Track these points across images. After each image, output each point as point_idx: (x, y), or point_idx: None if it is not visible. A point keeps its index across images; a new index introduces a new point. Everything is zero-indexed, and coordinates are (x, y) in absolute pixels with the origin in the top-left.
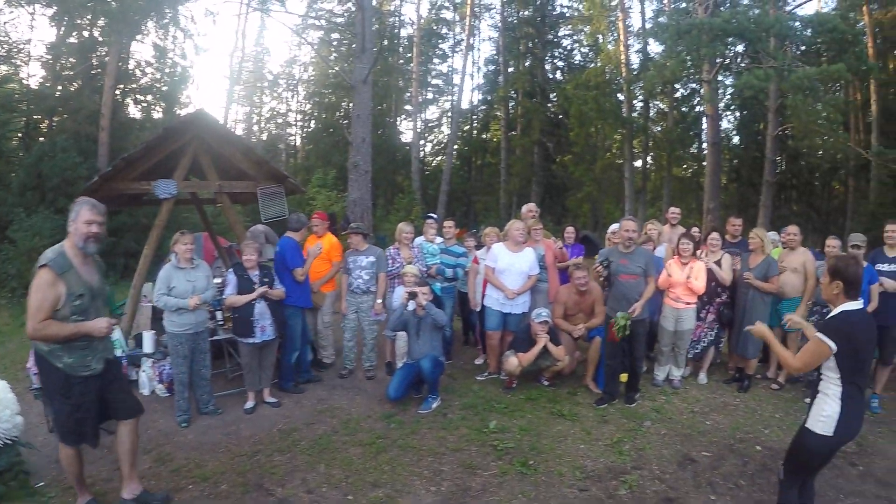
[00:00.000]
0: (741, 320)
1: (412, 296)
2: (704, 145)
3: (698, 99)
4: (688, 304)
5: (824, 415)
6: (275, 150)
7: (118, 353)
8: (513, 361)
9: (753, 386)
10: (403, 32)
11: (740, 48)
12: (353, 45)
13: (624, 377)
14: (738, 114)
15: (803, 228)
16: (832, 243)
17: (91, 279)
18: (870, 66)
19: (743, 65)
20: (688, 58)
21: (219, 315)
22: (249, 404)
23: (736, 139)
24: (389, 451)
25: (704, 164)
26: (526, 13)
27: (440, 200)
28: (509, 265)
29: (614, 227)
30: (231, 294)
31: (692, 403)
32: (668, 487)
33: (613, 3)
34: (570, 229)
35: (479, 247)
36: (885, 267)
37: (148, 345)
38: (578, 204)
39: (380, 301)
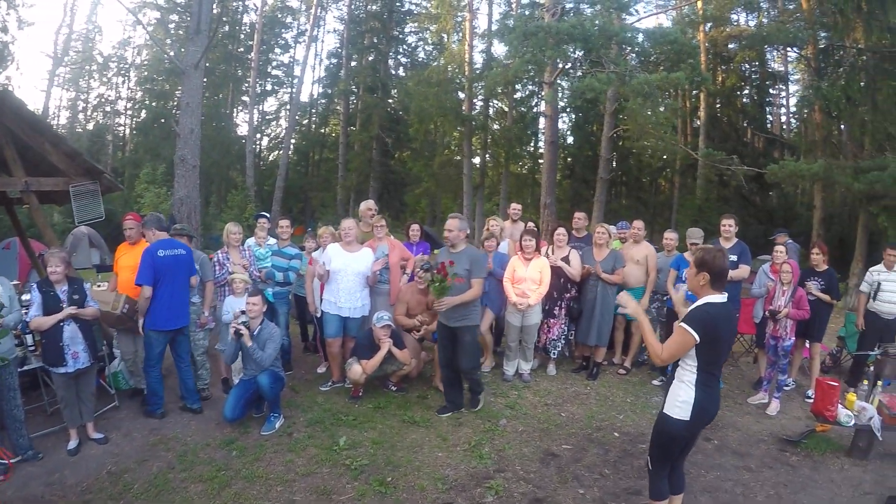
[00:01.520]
0: (591, 312)
1: (238, 335)
2: (541, 144)
3: (536, 100)
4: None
5: (680, 400)
6: (102, 141)
7: None
8: (356, 370)
9: (602, 373)
10: (246, 19)
11: (580, 54)
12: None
13: None
14: (573, 116)
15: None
16: (670, 236)
17: None
18: (704, 77)
19: (580, 70)
20: (531, 59)
21: (29, 339)
22: (73, 443)
23: (570, 139)
24: (234, 485)
25: (541, 161)
26: (374, 7)
27: (276, 197)
28: (344, 266)
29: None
30: (36, 315)
31: (545, 396)
32: (535, 487)
33: (462, 4)
34: (414, 227)
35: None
36: None
37: None
38: (416, 199)
39: (206, 314)
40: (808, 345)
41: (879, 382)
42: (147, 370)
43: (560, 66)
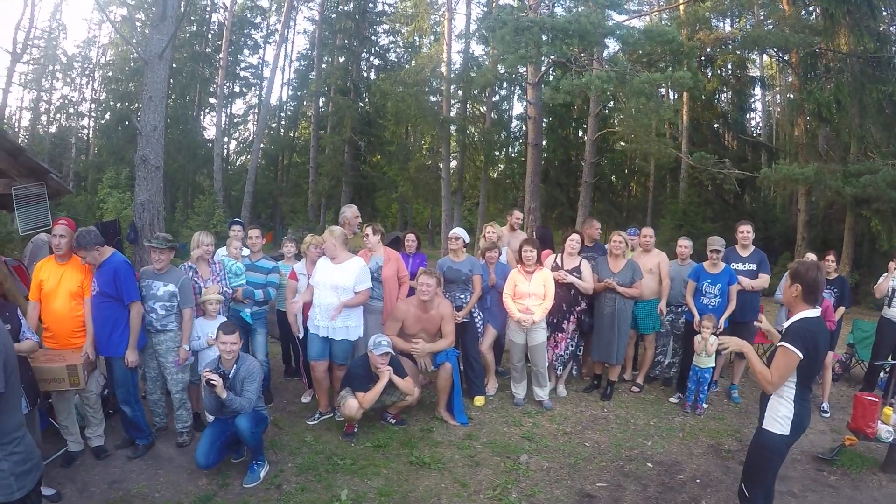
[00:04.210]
0: (610, 327)
1: (210, 385)
2: (514, 147)
3: (511, 103)
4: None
5: (780, 416)
6: (65, 144)
7: None
8: (352, 404)
9: (615, 392)
10: (214, 18)
11: (576, 51)
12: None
13: (479, 400)
14: (547, 119)
15: (606, 225)
16: (684, 244)
17: None
18: (700, 79)
19: (569, 68)
20: (524, 55)
21: None
22: None
23: (544, 143)
24: None
25: (515, 165)
26: (346, 7)
27: (245, 202)
28: (323, 279)
29: (456, 231)
30: None
31: (562, 423)
32: None
33: (440, 2)
34: (411, 237)
35: (299, 257)
36: (739, 266)
37: None
38: (388, 204)
39: (186, 347)
40: None
41: None
42: (131, 402)
43: (544, 65)
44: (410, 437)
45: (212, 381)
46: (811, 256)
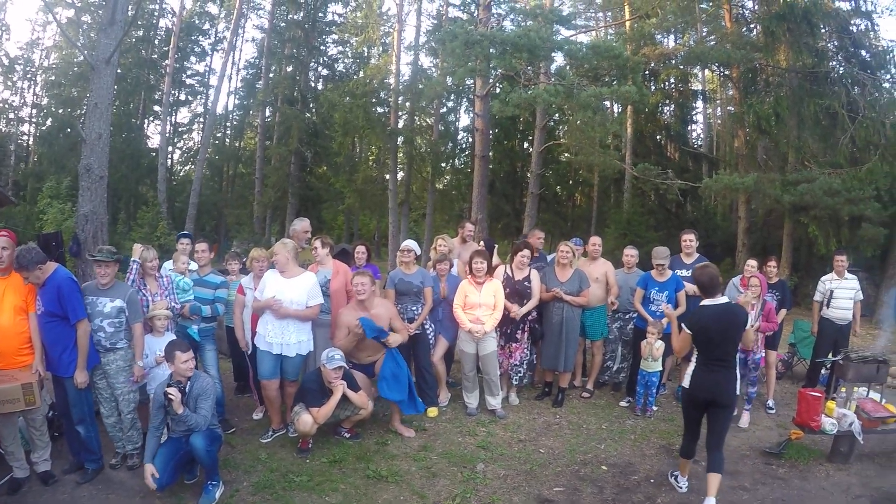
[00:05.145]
0: (557, 336)
1: (168, 400)
2: (461, 159)
3: (457, 115)
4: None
5: (688, 373)
6: (4, 151)
7: None
8: (306, 420)
9: (566, 398)
10: (161, 23)
11: (524, 65)
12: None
13: (433, 411)
14: (493, 131)
15: (552, 235)
16: (630, 252)
17: None
18: (645, 93)
19: (500, 84)
20: (473, 69)
21: None
22: None
23: (490, 154)
24: None
25: (461, 176)
26: (296, 16)
27: (189, 214)
28: (276, 294)
29: (407, 244)
30: None
31: (515, 430)
32: None
33: (390, 14)
34: (361, 248)
35: (244, 271)
36: (683, 272)
37: None
38: (334, 216)
39: (140, 363)
40: (764, 353)
41: (855, 388)
42: (87, 422)
43: (492, 78)
44: (366, 451)
45: (170, 396)
46: (752, 262)
